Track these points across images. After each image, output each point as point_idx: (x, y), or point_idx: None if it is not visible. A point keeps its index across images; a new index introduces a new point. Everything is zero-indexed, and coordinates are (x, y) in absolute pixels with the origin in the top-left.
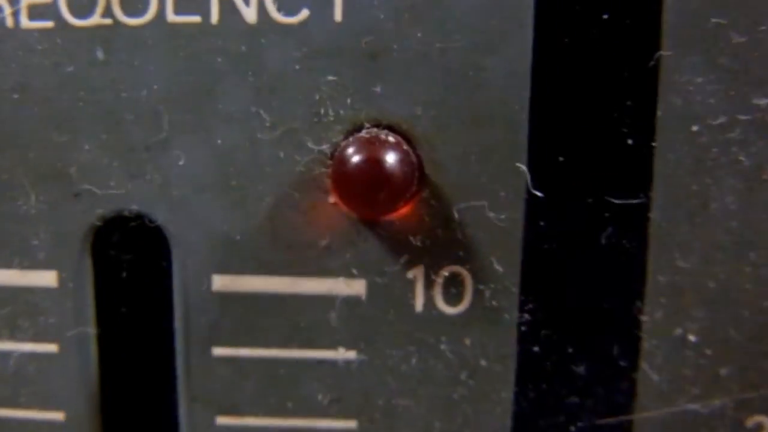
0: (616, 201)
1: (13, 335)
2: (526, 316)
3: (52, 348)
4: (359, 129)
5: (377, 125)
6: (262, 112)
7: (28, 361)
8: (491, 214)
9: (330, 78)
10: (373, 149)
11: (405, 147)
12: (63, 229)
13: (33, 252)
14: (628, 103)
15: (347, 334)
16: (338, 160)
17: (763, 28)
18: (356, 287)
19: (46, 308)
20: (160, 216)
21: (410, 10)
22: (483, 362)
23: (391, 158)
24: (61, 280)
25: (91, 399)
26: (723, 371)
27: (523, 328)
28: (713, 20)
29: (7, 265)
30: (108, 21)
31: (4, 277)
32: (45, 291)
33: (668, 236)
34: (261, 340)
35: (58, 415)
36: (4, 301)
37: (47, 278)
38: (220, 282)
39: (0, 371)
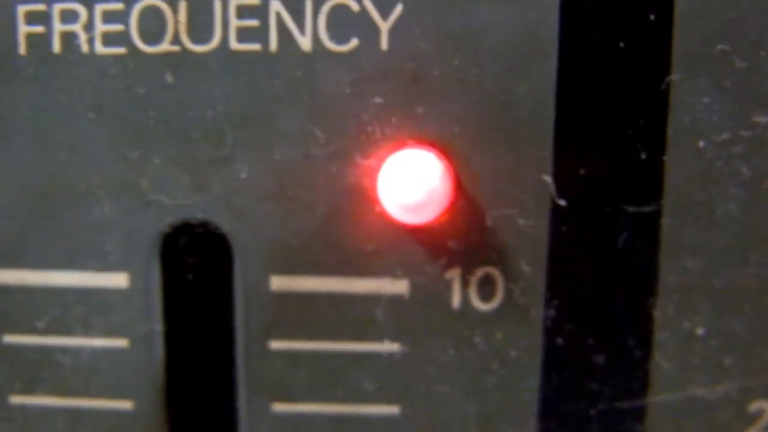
0: (631, 209)
1: (87, 332)
2: (551, 311)
3: (122, 343)
4: (403, 145)
5: (419, 142)
6: (316, 130)
7: (100, 356)
8: (520, 221)
9: (377, 100)
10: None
11: (444, 162)
12: (134, 235)
13: (106, 256)
14: (642, 122)
15: (392, 328)
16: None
17: (762, 53)
18: (400, 286)
19: (117, 307)
20: (224, 223)
21: (449, 40)
22: (512, 353)
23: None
24: (132, 281)
25: (158, 390)
26: (727, 361)
27: (548, 323)
28: (718, 47)
29: (82, 267)
30: (176, 48)
31: (78, 279)
32: (116, 291)
33: (678, 240)
34: (313, 334)
35: (126, 405)
36: (79, 300)
37: (119, 280)
38: (277, 282)
39: (74, 365)
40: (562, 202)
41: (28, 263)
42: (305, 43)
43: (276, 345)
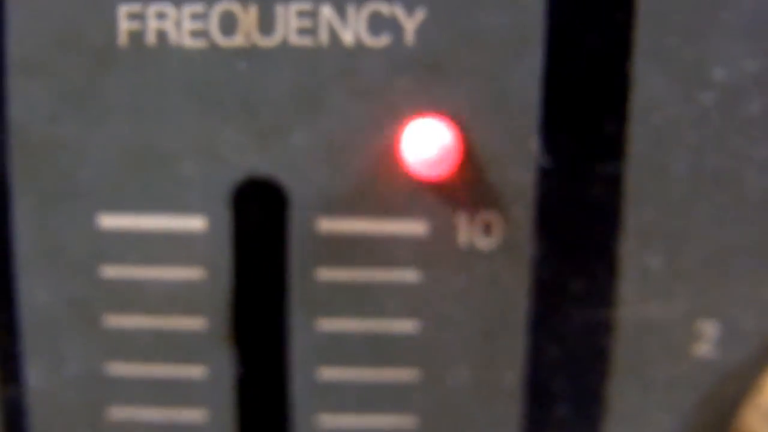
0: (601, 168)
1: (171, 264)
2: (538, 249)
3: (200, 274)
4: (421, 116)
5: (434, 113)
6: (354, 106)
7: (182, 284)
8: (513, 177)
9: (402, 84)
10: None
11: (454, 129)
12: (211, 187)
13: (188, 204)
14: (609, 99)
15: (412, 261)
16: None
17: (704, 43)
18: (419, 228)
19: (197, 245)
20: (282, 178)
21: (459, 37)
22: (507, 281)
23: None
24: (209, 224)
25: (226, 311)
26: (677, 288)
27: (535, 258)
28: (670, 39)
29: (169, 212)
30: (247, 42)
31: (166, 222)
32: (196, 232)
33: (638, 193)
34: (350, 265)
35: (201, 323)
36: (166, 239)
37: (198, 223)
38: (323, 225)
39: (159, 291)
40: (546, 162)
41: (125, 208)
42: (348, 39)
43: (320, 274)
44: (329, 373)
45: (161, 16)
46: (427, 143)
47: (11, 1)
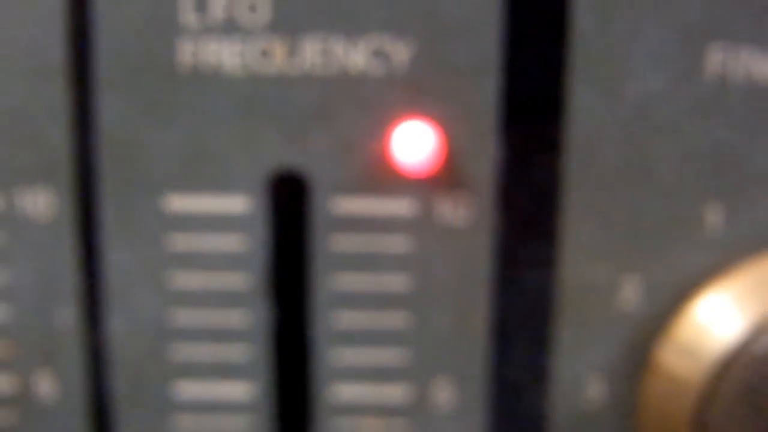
0: (545, 160)
1: (221, 235)
2: (499, 225)
3: (243, 246)
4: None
5: (420, 117)
6: (354, 114)
7: (227, 253)
8: (479, 169)
9: (395, 99)
10: None
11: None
12: (252, 175)
13: (235, 188)
14: (560, 86)
15: (404, 233)
16: None
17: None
18: (409, 209)
19: (242, 222)
20: (307, 166)
21: (439, 63)
22: (475, 250)
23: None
24: (250, 205)
25: (265, 269)
26: (608, 252)
27: (497, 233)
28: (597, 62)
29: (219, 195)
30: (278, 70)
31: (218, 204)
32: (240, 213)
33: (586, 161)
34: (357, 235)
35: (242, 280)
36: (214, 217)
37: (243, 203)
38: (336, 205)
39: (212, 254)
40: (504, 157)
41: (186, 191)
42: (352, 65)
43: (334, 242)
44: (341, 317)
45: (215, 49)
46: (414, 144)
47: (100, 33)
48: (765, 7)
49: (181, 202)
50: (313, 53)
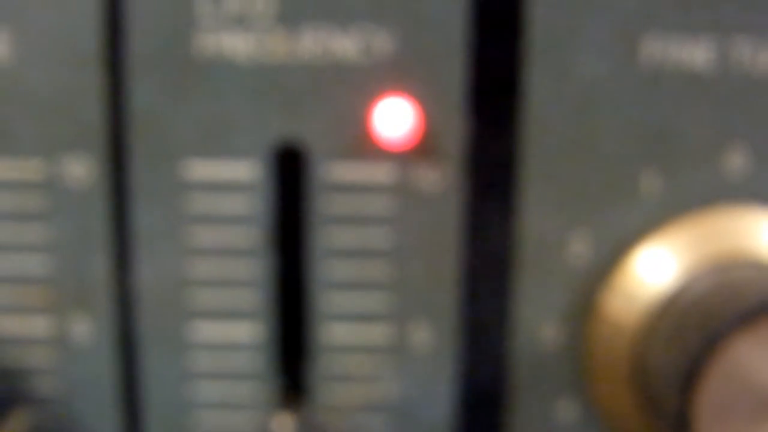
0: (507, 135)
1: (229, 198)
2: (468, 191)
3: (251, 201)
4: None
5: (401, 94)
6: (349, 95)
7: (238, 212)
8: (450, 144)
9: (381, 79)
10: None
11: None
12: (262, 147)
13: (249, 159)
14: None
15: (387, 197)
16: None
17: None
18: (390, 177)
19: (250, 187)
20: (305, 139)
21: (417, 53)
22: (447, 213)
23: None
24: (258, 172)
25: (269, 223)
26: (563, 210)
27: (466, 197)
28: (551, 50)
29: (229, 161)
30: (282, 58)
31: (226, 167)
32: (249, 180)
33: (532, 147)
34: (347, 197)
35: (251, 235)
36: (226, 180)
37: (251, 170)
38: (329, 171)
39: (222, 214)
40: (471, 134)
41: (203, 157)
42: (341, 52)
43: (327, 203)
44: (333, 267)
45: (228, 38)
46: (395, 120)
47: (131, 24)
48: None
49: (197, 169)
50: (309, 41)
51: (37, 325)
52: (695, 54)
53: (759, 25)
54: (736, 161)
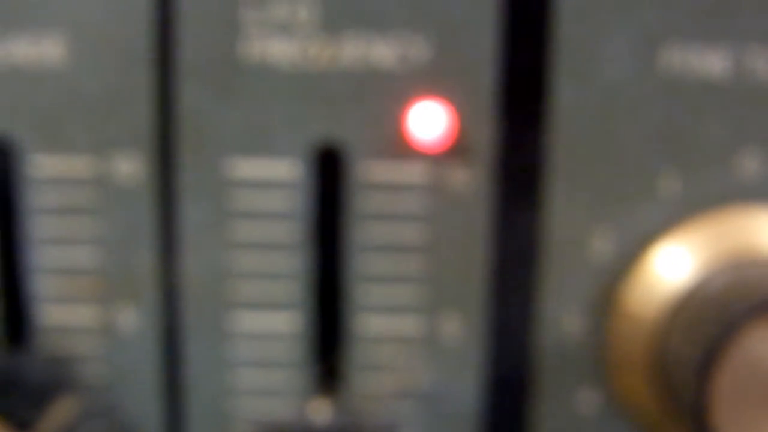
0: (536, 136)
1: (270, 196)
2: (498, 191)
3: (292, 198)
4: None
5: (437, 105)
6: (387, 100)
7: (272, 215)
8: (481, 145)
9: (415, 85)
10: None
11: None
12: (301, 147)
13: (289, 158)
14: (541, 89)
15: (420, 194)
16: None
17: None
18: (424, 177)
19: (289, 181)
20: (343, 138)
21: (449, 59)
22: (477, 213)
23: None
24: (298, 171)
25: (308, 218)
26: (587, 204)
27: (496, 197)
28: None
29: (272, 160)
30: (323, 64)
31: (268, 166)
32: (290, 178)
33: (560, 149)
34: (382, 195)
35: (291, 229)
36: (268, 178)
37: (291, 169)
38: (367, 170)
39: (263, 210)
40: (502, 135)
41: (246, 155)
42: (379, 60)
43: (364, 199)
44: (368, 262)
45: (273, 43)
46: (429, 123)
47: (181, 28)
48: (707, 11)
49: (241, 168)
50: (349, 48)
51: (86, 315)
52: (712, 62)
53: None
54: (751, 163)
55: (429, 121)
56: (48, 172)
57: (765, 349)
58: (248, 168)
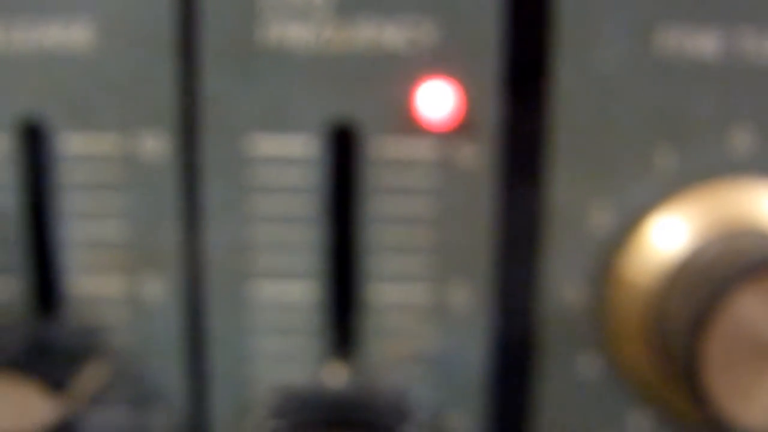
0: (538, 116)
1: (282, 177)
2: (504, 166)
3: (309, 172)
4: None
5: (446, 84)
6: (399, 81)
7: (290, 189)
8: (486, 122)
9: (425, 67)
10: None
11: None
12: (319, 125)
13: (307, 138)
14: (541, 73)
15: (428, 170)
16: None
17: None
18: (432, 153)
19: (307, 161)
20: (356, 116)
21: (456, 40)
22: (484, 188)
23: None
24: (315, 149)
25: (324, 192)
26: (588, 180)
27: (502, 172)
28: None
29: (291, 136)
30: (339, 48)
31: (285, 141)
32: (311, 155)
33: (561, 126)
34: (393, 171)
35: (308, 205)
36: (285, 154)
37: (310, 148)
38: (378, 147)
39: (284, 186)
40: (505, 115)
41: (266, 132)
42: (390, 42)
43: (376, 173)
44: (380, 233)
45: (291, 28)
46: (438, 101)
47: (203, 14)
48: None
49: (260, 145)
50: (362, 30)
51: (113, 286)
52: (704, 43)
53: (763, 17)
54: (742, 139)
55: (437, 100)
56: (78, 150)
57: (754, 310)
58: (267, 146)
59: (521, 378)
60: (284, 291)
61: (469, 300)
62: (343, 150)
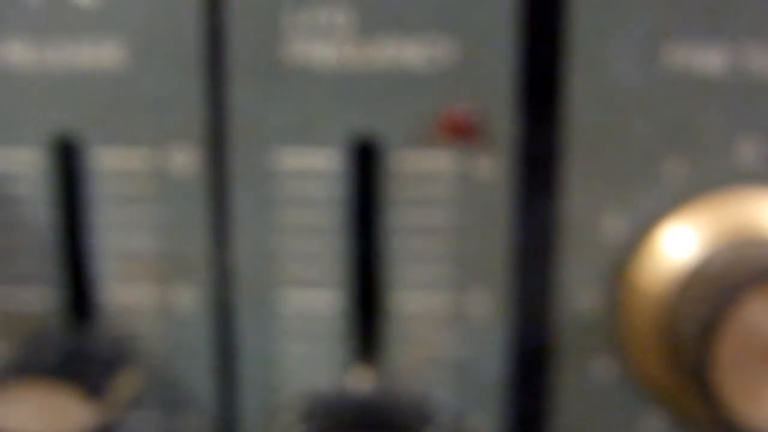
0: (551, 129)
1: (307, 189)
2: (519, 178)
3: (333, 183)
4: None
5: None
6: (415, 98)
7: (315, 201)
8: (502, 136)
9: (443, 85)
10: None
11: None
12: (342, 140)
13: (330, 150)
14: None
15: (447, 181)
16: None
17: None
18: (452, 165)
19: (330, 173)
20: (379, 131)
21: (472, 62)
22: (499, 197)
23: None
24: (337, 161)
25: (346, 203)
26: (601, 193)
27: (518, 183)
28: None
29: (315, 150)
30: (358, 65)
31: (310, 155)
32: (334, 169)
33: (574, 139)
34: (413, 180)
35: (328, 214)
36: (311, 166)
37: (335, 161)
38: (399, 160)
39: (308, 198)
40: (519, 129)
41: (291, 146)
42: (408, 61)
43: (395, 184)
44: (402, 242)
45: (314, 46)
46: (456, 117)
47: (230, 33)
48: (706, 11)
49: (286, 159)
50: (383, 49)
51: (145, 295)
52: (712, 58)
53: None
54: (749, 150)
55: (455, 115)
56: (110, 164)
57: (762, 315)
58: (292, 159)
59: (538, 382)
60: (310, 299)
61: (488, 307)
62: (366, 163)
